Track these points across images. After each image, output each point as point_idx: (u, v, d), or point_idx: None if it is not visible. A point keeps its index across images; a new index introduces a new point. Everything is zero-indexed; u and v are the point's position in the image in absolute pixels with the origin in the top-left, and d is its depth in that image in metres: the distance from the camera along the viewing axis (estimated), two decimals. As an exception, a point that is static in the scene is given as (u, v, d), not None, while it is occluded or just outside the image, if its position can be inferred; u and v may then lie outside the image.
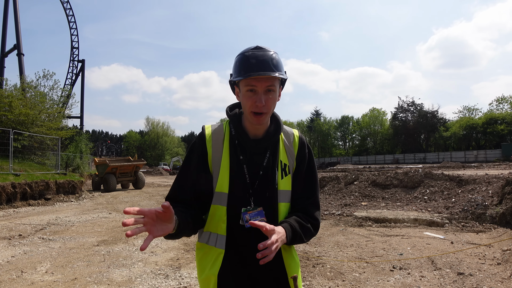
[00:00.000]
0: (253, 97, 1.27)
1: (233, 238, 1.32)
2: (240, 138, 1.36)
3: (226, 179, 1.32)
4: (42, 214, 9.62)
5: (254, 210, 1.30)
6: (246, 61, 1.27)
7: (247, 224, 1.27)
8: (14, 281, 4.13)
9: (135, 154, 36.45)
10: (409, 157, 57.99)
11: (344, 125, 78.00)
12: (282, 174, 1.37)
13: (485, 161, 42.25)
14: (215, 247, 1.32)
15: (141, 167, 20.44)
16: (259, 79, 1.25)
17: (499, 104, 55.45)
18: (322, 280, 4.06)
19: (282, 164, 1.38)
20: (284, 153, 1.41)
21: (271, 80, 1.26)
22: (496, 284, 3.79)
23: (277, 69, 1.27)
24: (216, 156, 1.35)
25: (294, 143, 1.44)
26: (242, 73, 1.27)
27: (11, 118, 16.06)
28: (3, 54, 35.67)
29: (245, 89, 1.28)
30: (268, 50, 1.30)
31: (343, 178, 13.15)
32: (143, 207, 1.11)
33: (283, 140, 1.43)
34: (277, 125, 1.40)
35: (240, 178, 1.33)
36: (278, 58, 1.30)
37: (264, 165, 1.36)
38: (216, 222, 1.33)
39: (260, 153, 1.36)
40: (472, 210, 7.49)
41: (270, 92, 1.28)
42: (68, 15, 49.07)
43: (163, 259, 5.02)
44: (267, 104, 1.27)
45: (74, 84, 49.07)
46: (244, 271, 1.31)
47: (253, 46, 1.32)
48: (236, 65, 1.31)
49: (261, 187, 1.34)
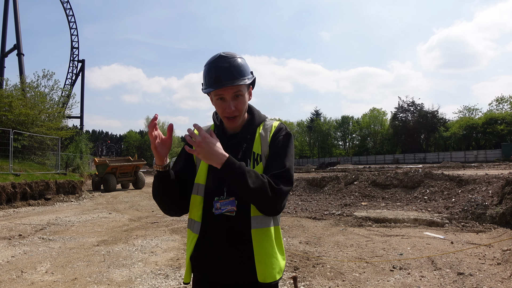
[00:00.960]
0: (223, 105, 1.39)
1: (207, 225, 1.44)
2: (219, 135, 1.47)
3: (204, 171, 1.47)
4: (42, 214, 9.62)
5: (226, 199, 1.41)
6: (212, 73, 1.37)
7: (217, 211, 1.41)
8: (14, 281, 4.13)
9: (135, 154, 36.42)
10: (409, 157, 57.97)
11: (344, 125, 77.95)
12: (254, 164, 1.44)
13: (485, 161, 42.25)
14: (192, 231, 1.47)
15: (141, 167, 20.43)
16: (225, 89, 1.36)
17: (499, 104, 55.52)
18: (322, 280, 4.06)
19: (254, 155, 1.45)
20: (258, 143, 1.47)
21: (236, 87, 1.37)
22: (496, 284, 3.79)
23: (240, 76, 1.37)
24: None
25: (270, 132, 1.50)
26: (209, 84, 1.38)
27: (11, 118, 16.07)
28: (3, 54, 35.69)
29: (215, 98, 1.41)
30: (232, 57, 1.39)
31: (343, 178, 13.16)
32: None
33: (259, 132, 1.50)
34: (252, 117, 1.52)
35: (216, 170, 1.37)
36: (241, 63, 1.39)
37: (238, 158, 1.44)
38: (194, 210, 1.47)
39: (236, 146, 1.47)
40: (472, 210, 7.49)
41: (238, 97, 1.40)
42: (68, 15, 49.13)
43: (163, 259, 5.02)
44: (237, 108, 1.39)
45: (74, 84, 49.15)
46: (213, 254, 1.42)
47: (217, 55, 1.40)
48: (204, 76, 1.42)
49: None
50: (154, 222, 8.32)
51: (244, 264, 1.38)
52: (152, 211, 10.32)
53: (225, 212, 1.39)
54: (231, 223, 1.40)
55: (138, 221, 8.57)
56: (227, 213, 1.39)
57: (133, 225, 7.93)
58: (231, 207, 1.40)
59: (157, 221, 8.37)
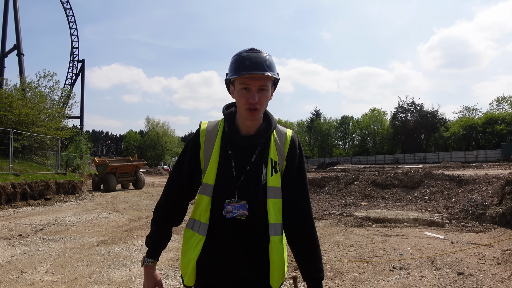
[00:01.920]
0: (247, 95, 1.35)
1: (215, 227, 1.40)
2: (232, 134, 1.44)
3: (214, 171, 1.41)
4: (42, 214, 9.62)
5: (237, 202, 1.37)
6: (241, 61, 1.35)
7: (228, 215, 1.36)
8: (14, 281, 4.13)
9: (135, 154, 36.40)
10: (409, 157, 57.97)
11: (344, 125, 77.91)
12: (272, 171, 1.42)
13: (485, 161, 42.23)
14: (197, 233, 1.41)
15: (141, 167, 20.42)
16: (253, 78, 1.33)
17: (499, 104, 55.54)
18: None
19: (272, 162, 1.43)
20: (274, 151, 1.46)
21: (264, 80, 1.35)
22: (496, 284, 3.79)
23: (270, 70, 1.35)
24: (208, 150, 1.44)
25: (285, 142, 1.49)
26: (237, 72, 1.35)
27: (11, 118, 16.07)
28: (3, 54, 35.69)
29: (240, 87, 1.36)
30: (262, 52, 1.38)
31: (343, 178, 13.16)
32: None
33: (274, 138, 1.49)
34: (269, 123, 1.47)
35: (227, 171, 1.39)
36: (271, 60, 1.38)
37: (252, 161, 1.42)
38: (201, 210, 1.41)
39: (250, 149, 1.43)
40: (472, 210, 7.49)
41: (263, 91, 1.36)
42: (68, 15, 49.13)
43: (163, 259, 5.01)
44: (260, 101, 1.35)
45: (74, 84, 49.15)
46: (222, 259, 1.38)
47: (248, 48, 1.40)
48: (232, 65, 1.39)
49: (246, 182, 1.40)
50: (154, 222, 8.31)
51: (256, 270, 1.38)
52: (152, 211, 10.31)
53: (236, 215, 1.37)
54: (240, 227, 1.38)
55: (138, 221, 8.56)
56: (238, 217, 1.37)
57: (133, 225, 7.93)
58: (242, 211, 1.37)
59: (157, 221, 8.36)
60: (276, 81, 1.45)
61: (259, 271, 1.39)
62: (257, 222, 1.40)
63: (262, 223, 1.40)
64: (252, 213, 1.38)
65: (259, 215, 1.39)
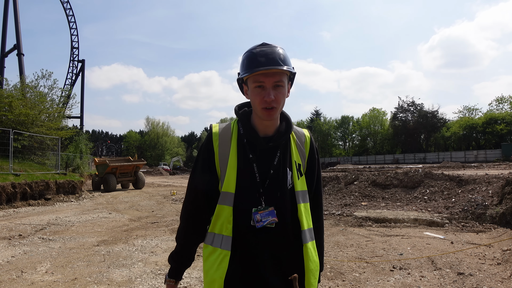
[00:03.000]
0: (262, 93, 1.25)
1: (240, 239, 1.27)
2: (250, 136, 1.32)
3: (233, 178, 1.28)
4: (42, 214, 9.62)
5: (265, 210, 1.26)
6: (253, 57, 1.26)
7: (259, 224, 1.24)
8: (14, 281, 4.13)
9: (135, 154, 36.45)
10: (409, 157, 57.96)
11: (344, 125, 77.94)
12: (298, 175, 1.35)
13: (485, 161, 42.23)
14: (220, 248, 1.27)
15: (141, 167, 20.43)
16: (267, 74, 1.23)
17: (499, 104, 55.57)
18: (322, 280, 4.06)
19: (296, 165, 1.36)
20: (297, 153, 1.39)
21: (279, 75, 1.25)
22: (496, 284, 3.79)
23: (285, 64, 1.26)
24: (223, 155, 1.32)
25: (305, 144, 1.43)
26: (249, 69, 1.25)
27: (11, 118, 16.07)
28: (3, 54, 35.69)
29: (253, 85, 1.26)
30: (275, 46, 1.29)
31: (343, 178, 13.15)
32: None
33: (295, 140, 1.41)
34: (288, 123, 1.38)
35: (249, 177, 1.29)
36: (285, 53, 1.29)
37: (274, 164, 1.32)
38: (222, 222, 1.29)
39: (270, 151, 1.33)
40: (472, 210, 7.49)
41: (279, 88, 1.26)
42: (68, 15, 49.10)
43: (163, 259, 5.01)
44: (276, 98, 1.25)
45: (74, 84, 49.12)
46: (252, 274, 1.26)
47: (260, 43, 1.31)
48: (243, 63, 1.30)
49: (272, 187, 1.30)
50: (154, 222, 8.32)
51: (288, 282, 1.27)
52: (152, 211, 10.31)
53: (266, 224, 1.25)
54: (269, 237, 1.26)
55: (138, 221, 8.56)
56: (268, 225, 1.25)
57: (133, 225, 7.93)
58: (272, 218, 1.26)
59: (157, 221, 8.37)
60: (292, 76, 1.33)
61: (290, 283, 1.29)
62: (285, 230, 1.29)
63: (291, 230, 1.31)
64: (281, 220, 1.28)
65: (287, 222, 1.30)
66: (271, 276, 1.26)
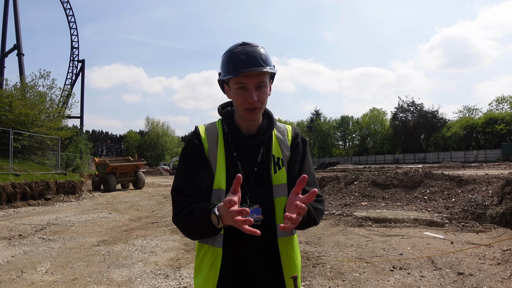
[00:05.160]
0: (244, 94, 1.25)
1: (231, 237, 1.27)
2: (233, 135, 1.34)
3: (223, 175, 1.29)
4: (42, 214, 9.62)
5: (251, 207, 1.26)
6: (235, 58, 1.24)
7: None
8: (14, 281, 4.13)
9: (135, 154, 36.47)
10: (409, 157, 57.99)
11: (344, 125, 78.01)
12: (275, 168, 1.35)
13: (485, 161, 42.25)
14: (213, 246, 1.28)
15: (141, 167, 20.44)
16: (250, 76, 1.23)
17: (499, 104, 55.60)
18: (322, 280, 4.06)
19: (275, 159, 1.36)
20: (277, 147, 1.39)
21: (261, 76, 1.25)
22: (496, 284, 3.79)
23: (266, 64, 1.25)
24: (212, 154, 1.33)
25: (287, 135, 1.44)
26: (231, 71, 1.24)
27: (11, 118, 16.09)
28: (3, 54, 35.71)
29: (236, 86, 1.26)
30: (256, 45, 1.28)
31: (343, 178, 13.15)
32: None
33: (276, 135, 1.42)
34: (270, 120, 1.40)
35: (235, 174, 1.28)
36: (266, 53, 1.28)
37: (258, 161, 1.33)
38: None
39: (254, 149, 1.35)
40: (472, 210, 7.49)
41: (261, 88, 1.26)
42: (68, 15, 49.14)
43: (163, 259, 5.01)
44: (259, 99, 1.25)
45: (74, 84, 49.18)
46: (241, 271, 1.28)
47: (240, 42, 1.29)
48: (224, 63, 1.29)
49: (256, 184, 1.31)
50: (154, 222, 8.32)
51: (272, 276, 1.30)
52: (152, 211, 10.31)
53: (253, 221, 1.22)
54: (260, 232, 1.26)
55: (138, 221, 8.56)
56: (254, 223, 1.23)
57: (133, 225, 7.93)
58: (257, 216, 1.25)
59: (157, 221, 8.37)
60: (273, 74, 1.34)
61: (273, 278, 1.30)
62: (271, 226, 1.30)
63: (273, 225, 1.31)
64: (266, 217, 1.28)
65: (270, 217, 1.30)
66: (256, 273, 1.28)
